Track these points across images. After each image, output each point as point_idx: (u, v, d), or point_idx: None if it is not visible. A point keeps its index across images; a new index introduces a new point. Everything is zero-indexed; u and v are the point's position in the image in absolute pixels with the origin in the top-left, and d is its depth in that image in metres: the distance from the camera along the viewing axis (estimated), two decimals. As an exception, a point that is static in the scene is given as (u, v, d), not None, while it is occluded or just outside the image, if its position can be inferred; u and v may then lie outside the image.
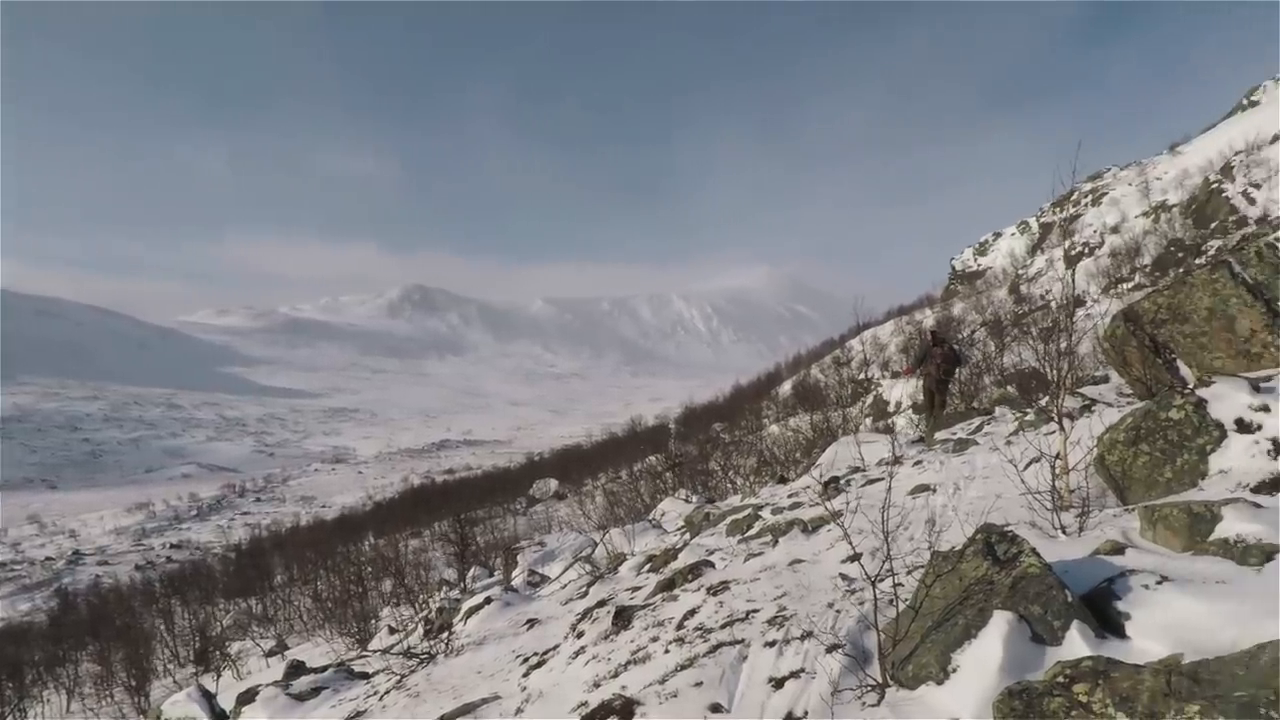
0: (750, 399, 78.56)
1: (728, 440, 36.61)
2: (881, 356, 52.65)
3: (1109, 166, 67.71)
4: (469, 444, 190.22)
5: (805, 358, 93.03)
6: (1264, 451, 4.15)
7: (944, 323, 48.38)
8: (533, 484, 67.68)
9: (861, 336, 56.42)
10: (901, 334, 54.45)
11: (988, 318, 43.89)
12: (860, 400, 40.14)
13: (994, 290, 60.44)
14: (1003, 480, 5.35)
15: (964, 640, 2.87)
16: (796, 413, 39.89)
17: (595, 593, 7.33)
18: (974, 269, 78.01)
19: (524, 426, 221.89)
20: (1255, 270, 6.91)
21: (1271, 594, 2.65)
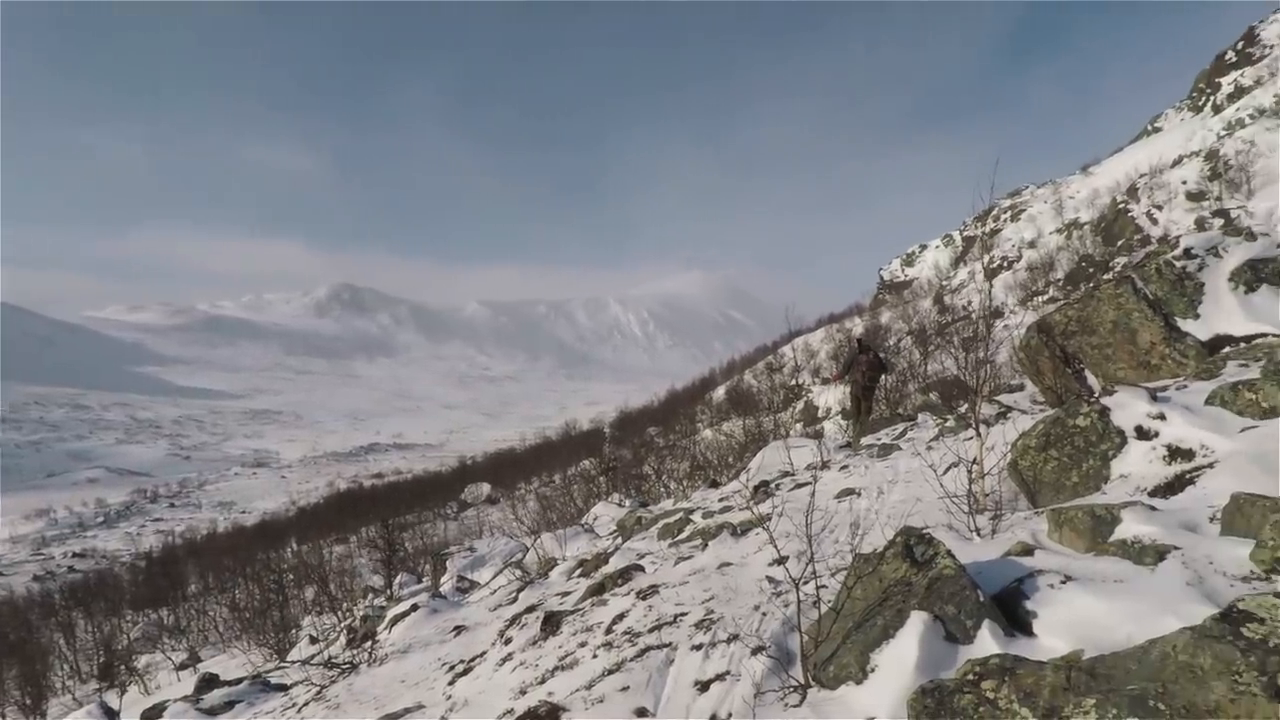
0: (685, 403, 79.23)
1: (662, 444, 36.80)
2: (812, 363, 53.89)
3: (1027, 185, 71.23)
4: (399, 447, 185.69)
5: (739, 363, 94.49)
6: (1160, 457, 4.41)
7: (872, 331, 49.86)
8: (464, 488, 66.54)
9: (793, 343, 57.64)
10: (832, 341, 55.89)
11: (913, 327, 45.44)
12: (792, 406, 40.98)
13: (920, 300, 62.67)
14: (924, 484, 5.52)
15: (883, 640, 2.95)
16: (730, 417, 40.42)
17: (525, 598, 7.25)
18: (901, 279, 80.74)
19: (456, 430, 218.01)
20: (1155, 286, 7.35)
21: (1163, 592, 2.81)
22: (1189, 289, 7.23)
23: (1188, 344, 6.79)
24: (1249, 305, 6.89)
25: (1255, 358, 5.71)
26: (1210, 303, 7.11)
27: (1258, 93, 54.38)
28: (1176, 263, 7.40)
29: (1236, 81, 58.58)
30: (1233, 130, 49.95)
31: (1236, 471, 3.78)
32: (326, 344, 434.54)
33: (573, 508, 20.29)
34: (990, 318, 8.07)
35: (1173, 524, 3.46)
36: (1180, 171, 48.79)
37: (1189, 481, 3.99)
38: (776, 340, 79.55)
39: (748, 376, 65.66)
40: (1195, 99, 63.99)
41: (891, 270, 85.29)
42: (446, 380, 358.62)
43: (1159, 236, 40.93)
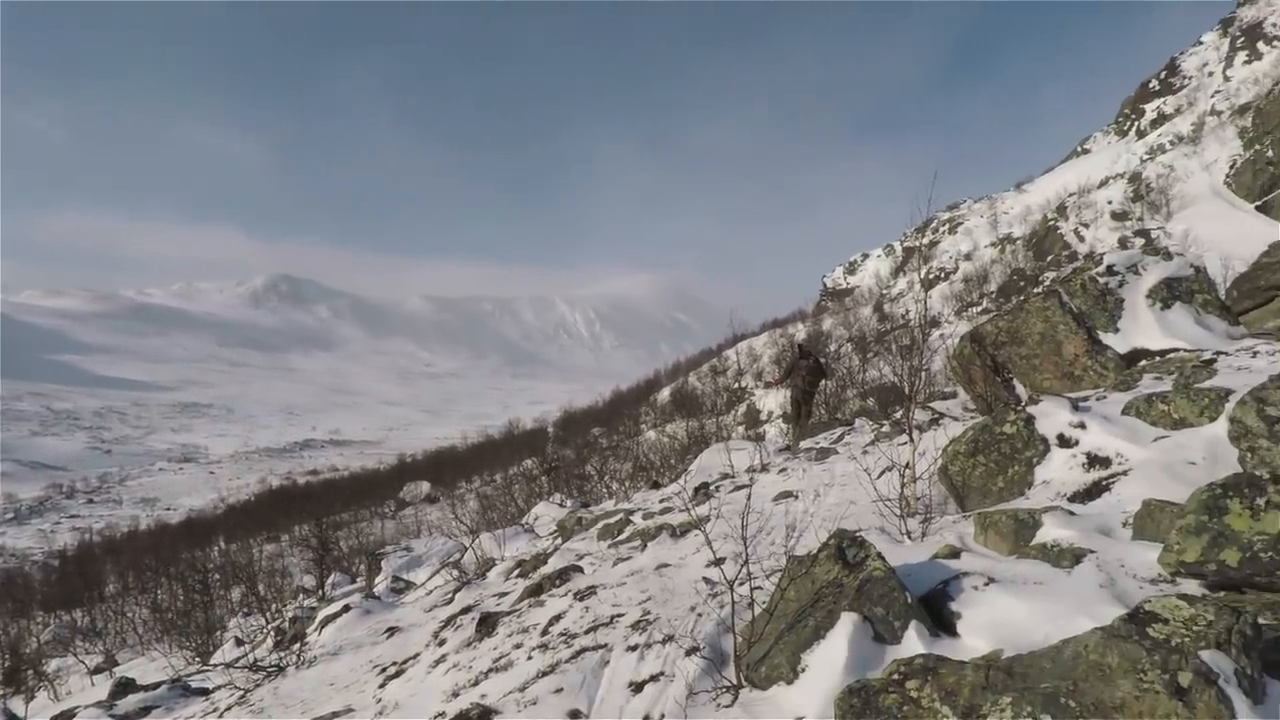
0: (630, 404, 79.40)
1: (606, 445, 36.78)
2: (756, 367, 54.67)
3: (965, 199, 73.70)
4: (336, 444, 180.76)
5: (684, 365, 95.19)
6: (1079, 464, 4.60)
7: (815, 337, 50.83)
8: (403, 487, 65.27)
9: (738, 347, 58.42)
10: (775, 346, 56.76)
11: (854, 334, 46.51)
12: (735, 408, 41.45)
13: (860, 308, 64.21)
14: (859, 488, 5.64)
15: (814, 641, 3.00)
16: (674, 419, 40.67)
17: (461, 599, 7.14)
18: (843, 287, 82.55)
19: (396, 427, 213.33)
20: (1080, 301, 7.69)
21: (1079, 594, 2.94)
22: (1110, 304, 7.59)
23: (1108, 357, 7.11)
24: (1164, 321, 7.27)
25: (1168, 371, 6.02)
26: (1129, 318, 7.48)
27: (1177, 120, 57.52)
28: (1100, 279, 7.75)
29: (1159, 109, 61.83)
30: (1154, 155, 52.69)
31: (1148, 479, 3.97)
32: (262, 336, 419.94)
33: (513, 508, 20.11)
34: (927, 327, 8.28)
35: (1089, 528, 3.61)
36: (1106, 192, 51.21)
37: (1105, 488, 4.18)
38: (721, 343, 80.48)
39: (692, 379, 66.20)
40: (1121, 123, 67.27)
41: (834, 278, 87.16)
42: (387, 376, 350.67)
43: (1085, 253, 42.91)
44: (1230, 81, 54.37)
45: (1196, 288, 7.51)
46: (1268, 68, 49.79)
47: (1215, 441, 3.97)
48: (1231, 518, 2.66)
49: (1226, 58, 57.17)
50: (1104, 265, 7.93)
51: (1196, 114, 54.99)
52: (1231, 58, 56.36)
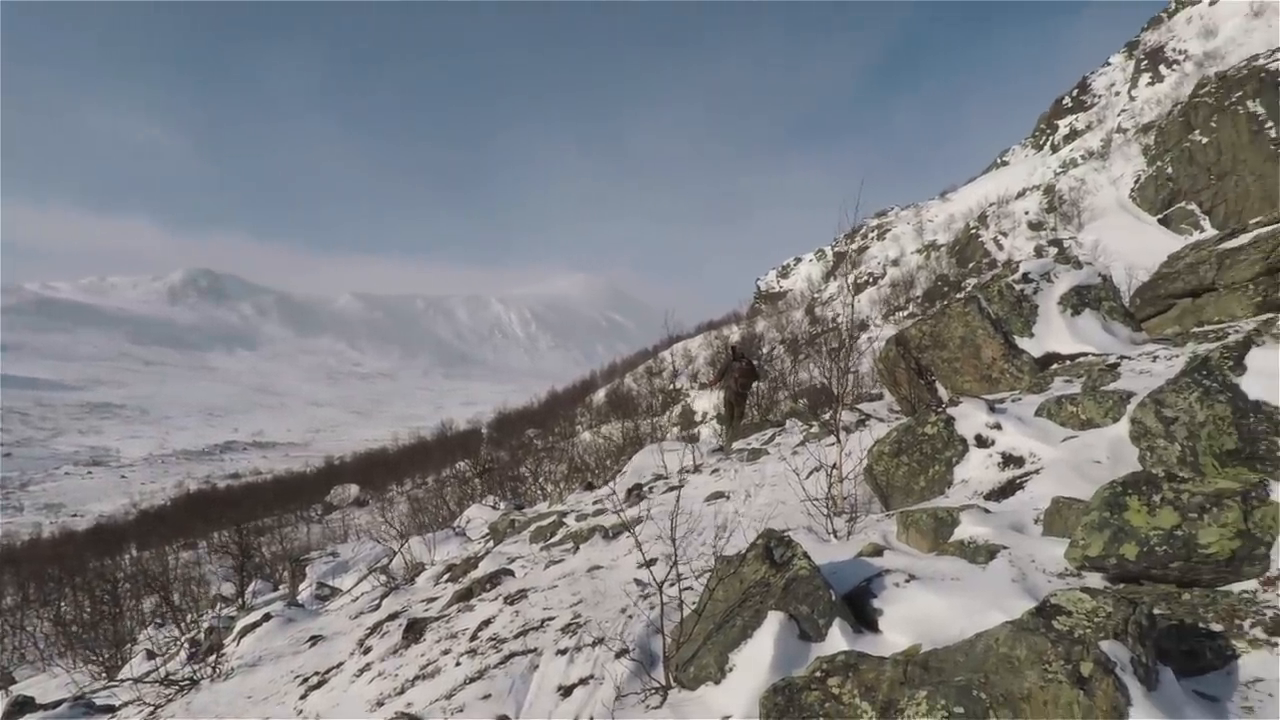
0: (565, 405, 79.05)
1: (540, 446, 36.50)
2: (691, 368, 55.18)
3: (893, 206, 76.08)
4: (259, 446, 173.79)
5: (620, 366, 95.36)
6: (995, 464, 4.79)
7: (748, 339, 51.63)
8: (331, 490, 63.31)
9: (673, 348, 58.82)
10: (710, 347, 57.40)
11: (786, 336, 47.44)
12: (670, 409, 41.74)
13: (793, 311, 65.54)
14: (788, 488, 5.74)
15: (741, 640, 3.03)
16: (609, 420, 40.66)
17: (388, 605, 6.95)
18: (776, 290, 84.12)
19: (324, 428, 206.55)
20: (997, 306, 8.02)
21: (993, 588, 3.05)
22: (1025, 310, 7.94)
23: (1023, 360, 7.44)
24: (1074, 327, 7.65)
25: (1078, 375, 6.33)
26: (1043, 323, 7.84)
27: (1088, 136, 60.78)
28: (1016, 286, 8.11)
29: (1071, 125, 65.21)
30: (1067, 169, 55.53)
31: (1058, 477, 4.16)
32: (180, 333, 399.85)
33: (445, 511, 19.76)
34: (855, 330, 8.44)
35: (1003, 525, 3.77)
36: (1023, 203, 53.71)
37: (1019, 486, 4.36)
38: (657, 345, 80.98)
39: (628, 380, 66.36)
40: (1037, 138, 70.66)
41: (768, 281, 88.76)
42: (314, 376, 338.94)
43: (1004, 261, 44.86)
44: (1135, 101, 57.79)
45: (1103, 295, 7.93)
46: (1168, 89, 53.10)
47: (1118, 441, 4.18)
48: (1130, 514, 2.81)
49: (1132, 79, 60.74)
50: (1019, 273, 8.30)
51: (1105, 131, 58.24)
52: (1136, 79, 59.90)
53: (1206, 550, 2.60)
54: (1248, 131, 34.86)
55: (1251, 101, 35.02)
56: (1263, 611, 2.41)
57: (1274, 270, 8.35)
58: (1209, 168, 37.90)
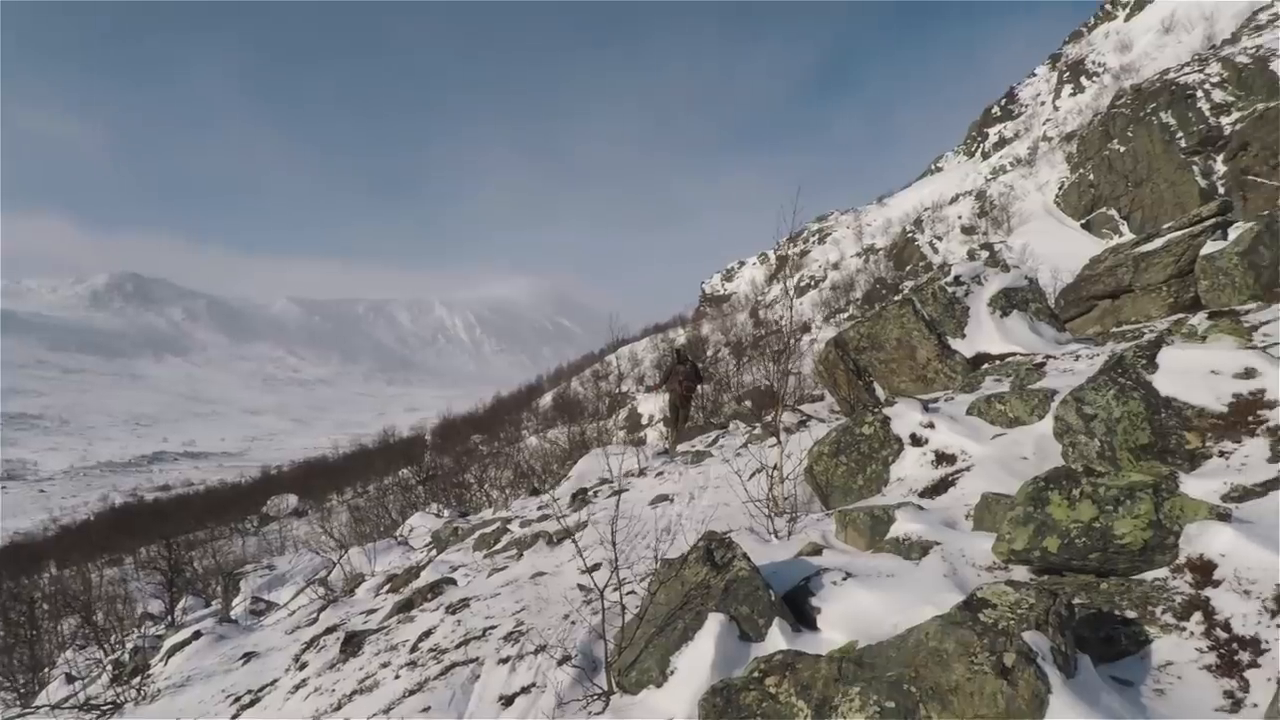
0: (511, 410, 78.23)
1: (486, 452, 36.05)
2: (637, 371, 55.27)
3: (833, 211, 77.72)
4: (191, 456, 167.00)
5: (566, 370, 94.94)
6: (929, 462, 4.93)
7: (694, 342, 52.02)
8: (268, 500, 61.25)
9: (619, 352, 58.79)
10: (656, 351, 57.62)
11: (731, 339, 47.96)
12: (616, 413, 41.73)
13: (737, 314, 66.28)
14: (731, 490, 5.79)
15: (682, 643, 3.04)
16: (556, 425, 40.43)
17: (326, 619, 6.76)
18: (721, 293, 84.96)
19: (260, 437, 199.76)
20: (931, 308, 8.25)
21: (925, 584, 3.14)
22: (958, 312, 8.20)
23: (956, 360, 7.67)
24: (1003, 328, 7.92)
25: (1007, 374, 6.56)
26: (974, 324, 8.10)
27: (1016, 144, 63.20)
28: (948, 289, 8.36)
29: (1000, 133, 67.72)
30: (997, 175, 57.65)
31: (987, 474, 4.30)
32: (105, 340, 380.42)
33: (387, 520, 19.32)
34: (798, 333, 8.58)
35: (936, 522, 3.87)
36: (956, 208, 55.55)
37: (951, 483, 4.49)
38: (604, 348, 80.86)
39: (575, 384, 66.11)
40: (969, 145, 73.13)
41: (713, 284, 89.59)
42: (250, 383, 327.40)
43: (939, 264, 46.31)
44: (1059, 111, 60.35)
45: (1030, 297, 8.24)
46: (1089, 100, 55.64)
47: (1043, 438, 4.35)
48: (1052, 508, 2.92)
49: (1055, 89, 63.44)
50: (952, 276, 8.57)
51: (1032, 139, 60.65)
52: (1059, 90, 62.60)
53: (1121, 541, 2.72)
54: (1160, 141, 36.76)
55: (1164, 113, 36.94)
56: (1173, 598, 2.53)
57: (1184, 273, 8.82)
58: (1126, 175, 39.82)
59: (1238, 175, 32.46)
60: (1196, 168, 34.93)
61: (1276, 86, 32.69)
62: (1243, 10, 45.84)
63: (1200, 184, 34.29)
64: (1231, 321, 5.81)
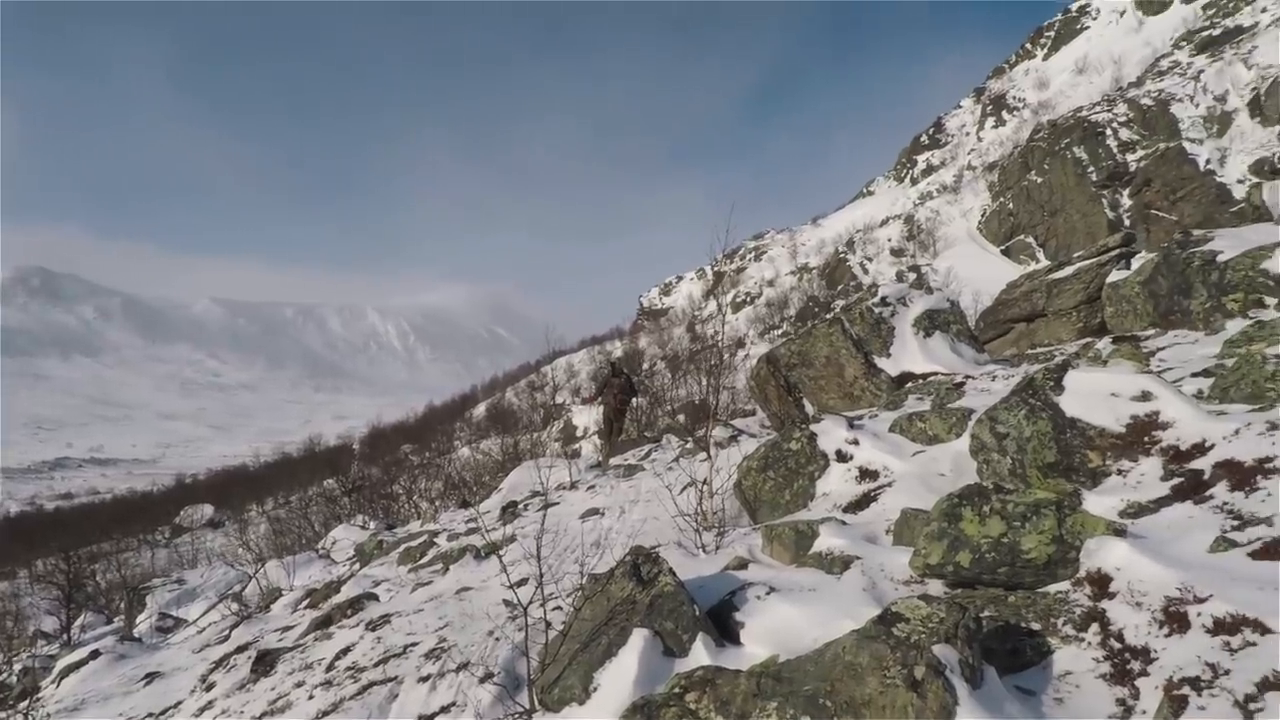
0: (444, 420, 76.72)
1: (416, 463, 35.23)
2: (573, 383, 55.05)
3: (769, 229, 79.38)
4: (98, 463, 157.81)
5: (502, 381, 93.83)
6: (853, 477, 5.05)
7: (631, 355, 52.16)
8: (181, 511, 58.27)
9: (556, 363, 58.48)
10: (593, 363, 57.54)
11: (667, 352, 48.30)
12: (551, 425, 41.42)
13: (674, 327, 66.84)
14: (662, 503, 5.81)
15: (606, 659, 3.02)
16: (490, 435, 39.86)
17: (238, 636, 6.47)
18: (659, 307, 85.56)
19: (175, 444, 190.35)
20: (859, 328, 8.50)
21: (845, 598, 3.21)
22: (884, 332, 8.46)
23: (882, 379, 7.91)
24: (926, 348, 8.21)
25: (928, 393, 6.80)
26: (899, 344, 8.38)
27: (942, 171, 65.95)
28: (875, 309, 8.63)
29: (928, 160, 70.52)
30: (924, 201, 59.99)
31: (907, 490, 4.43)
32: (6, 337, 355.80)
33: (309, 532, 18.65)
34: (733, 348, 8.71)
35: (858, 536, 3.97)
36: (886, 231, 57.51)
37: (873, 499, 4.61)
38: (540, 359, 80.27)
39: (510, 394, 65.36)
40: (899, 171, 75.91)
41: (651, 298, 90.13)
42: (166, 386, 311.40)
43: (868, 285, 47.78)
44: (982, 142, 63.34)
45: (951, 319, 8.57)
46: (1010, 133, 58.57)
47: (960, 455, 4.51)
48: (965, 524, 3.03)
49: (979, 121, 66.60)
50: (879, 297, 8.85)
51: (957, 168, 63.39)
52: (983, 122, 65.74)
53: (1027, 555, 2.85)
54: (1074, 174, 38.95)
55: (1077, 148, 39.18)
56: (1073, 610, 2.66)
57: (1093, 299, 9.34)
58: (1043, 205, 41.99)
59: (1142, 209, 34.63)
60: (1106, 200, 37.12)
61: (1176, 128, 35.06)
62: (1147, 57, 49.17)
63: (1109, 216, 36.44)
64: (1132, 346, 6.18)
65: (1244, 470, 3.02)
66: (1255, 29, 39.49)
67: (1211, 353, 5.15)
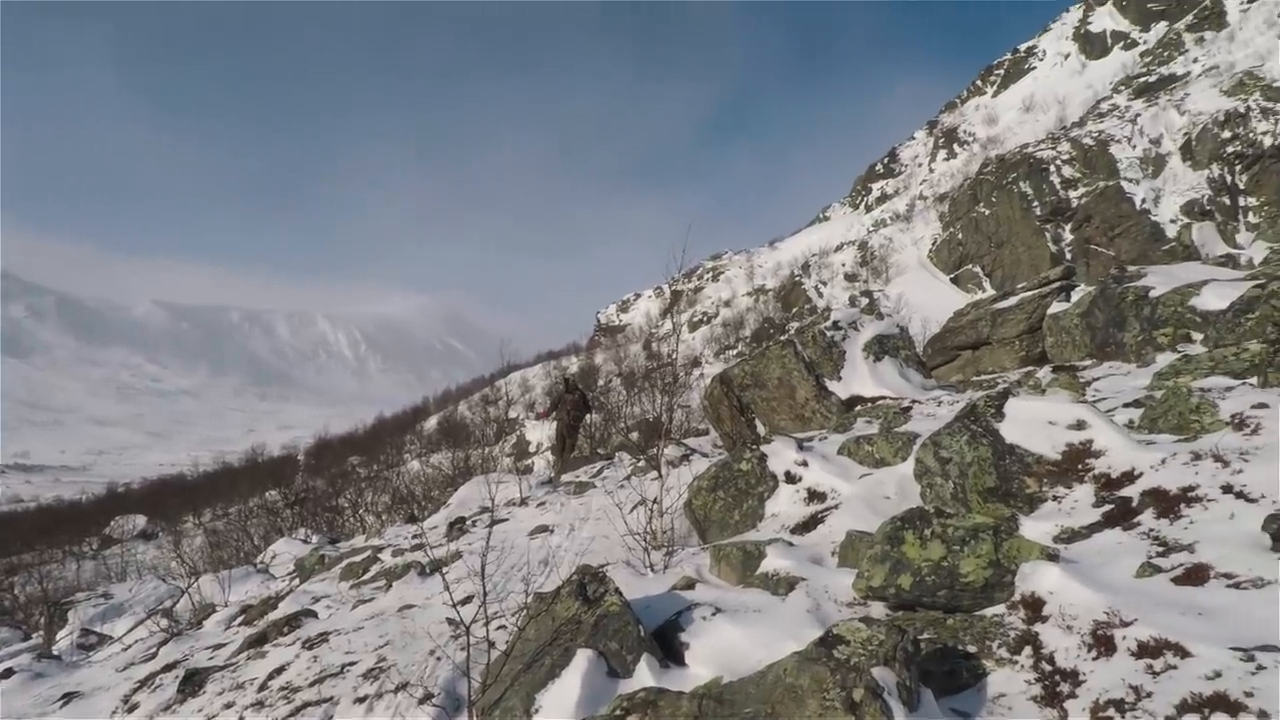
0: (393, 432, 75.17)
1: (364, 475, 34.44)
2: (528, 397, 54.62)
3: (727, 250, 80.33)
4: (23, 469, 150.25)
5: (455, 394, 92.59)
6: (802, 499, 5.11)
7: (587, 371, 52.03)
8: (112, 521, 55.78)
9: (511, 377, 58.00)
10: (549, 378, 57.23)
11: (623, 370, 48.30)
12: (504, 440, 40.97)
13: (631, 344, 66.94)
14: (612, 522, 5.78)
15: (549, 680, 2.98)
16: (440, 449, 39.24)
17: (166, 654, 6.19)
18: (616, 324, 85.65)
19: (108, 451, 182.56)
20: (811, 350, 8.63)
21: (789, 619, 3.23)
22: (835, 355, 8.61)
23: (832, 401, 8.04)
24: (876, 372, 8.38)
25: (877, 416, 6.92)
26: (850, 368, 8.53)
27: (896, 200, 67.71)
28: (827, 332, 8.78)
29: (882, 189, 72.37)
30: (878, 228, 61.45)
31: (853, 512, 4.49)
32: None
33: (248, 545, 18.05)
34: (689, 367, 8.76)
35: (804, 558, 4.00)
36: (841, 256, 58.72)
37: (820, 520, 4.67)
38: (494, 373, 79.46)
39: (462, 408, 64.54)
40: (854, 198, 77.69)
41: (608, 314, 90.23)
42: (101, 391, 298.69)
43: (823, 308, 48.65)
44: (934, 173, 65.29)
45: (901, 344, 8.78)
46: (960, 165, 60.52)
47: (905, 478, 4.60)
48: (906, 547, 3.09)
49: (931, 153, 68.68)
50: (831, 320, 9.01)
51: (910, 197, 65.17)
52: (935, 154, 67.82)
53: (966, 579, 2.91)
54: (1020, 208, 40.38)
55: (1023, 183, 40.65)
56: (1008, 633, 2.72)
57: (1034, 329, 9.65)
58: (990, 236, 43.41)
59: (1082, 244, 36.07)
60: (1049, 234, 38.53)
61: (1115, 168, 36.68)
62: (1089, 99, 51.47)
63: (1052, 249, 37.83)
64: (1070, 376, 6.40)
65: (1169, 498, 3.14)
66: (1187, 78, 41.70)
67: (1142, 384, 5.36)
